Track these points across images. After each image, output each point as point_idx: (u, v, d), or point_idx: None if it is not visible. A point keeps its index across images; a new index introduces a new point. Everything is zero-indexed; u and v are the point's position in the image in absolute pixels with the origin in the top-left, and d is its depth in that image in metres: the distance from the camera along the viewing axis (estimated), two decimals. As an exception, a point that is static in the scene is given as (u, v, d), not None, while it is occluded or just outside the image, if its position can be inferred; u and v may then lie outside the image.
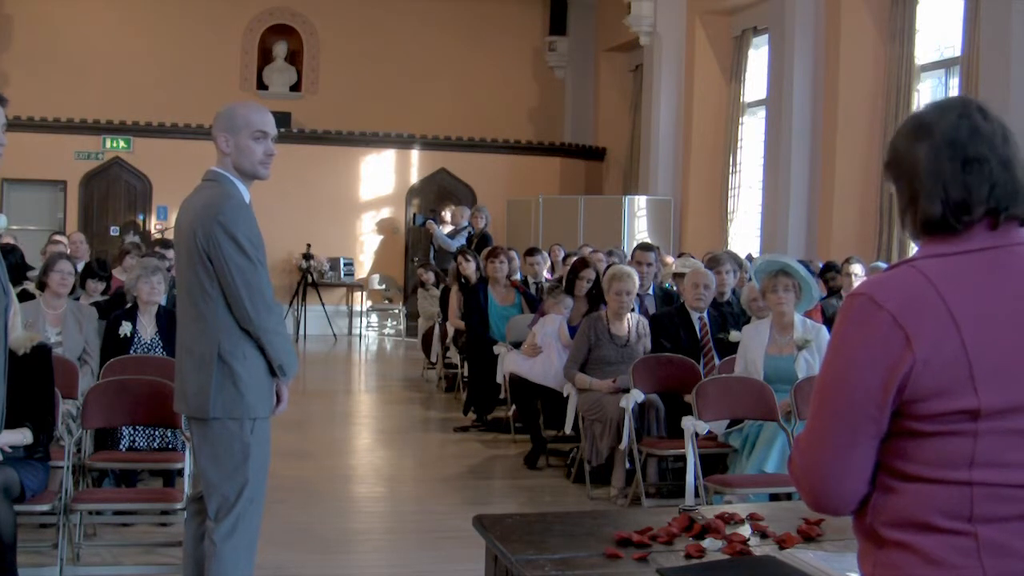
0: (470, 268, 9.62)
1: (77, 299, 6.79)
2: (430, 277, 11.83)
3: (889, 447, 1.77)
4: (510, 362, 7.56)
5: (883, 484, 1.78)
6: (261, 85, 17.14)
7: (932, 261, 1.77)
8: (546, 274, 10.44)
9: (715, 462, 5.92)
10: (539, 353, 7.25)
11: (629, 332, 6.76)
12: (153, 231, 15.20)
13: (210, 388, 3.56)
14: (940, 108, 1.83)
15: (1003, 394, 1.70)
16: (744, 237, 13.61)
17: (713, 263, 7.77)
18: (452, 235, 13.29)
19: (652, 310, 7.73)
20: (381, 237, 16.39)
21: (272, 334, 3.61)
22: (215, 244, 3.53)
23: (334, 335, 15.44)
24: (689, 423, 5.61)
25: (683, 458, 5.73)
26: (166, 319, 6.14)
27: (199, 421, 3.65)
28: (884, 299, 1.74)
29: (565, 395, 6.87)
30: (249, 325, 3.57)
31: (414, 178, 16.50)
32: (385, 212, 16.40)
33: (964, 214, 1.76)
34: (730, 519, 3.00)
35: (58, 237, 9.62)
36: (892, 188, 1.89)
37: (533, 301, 8.72)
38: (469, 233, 12.95)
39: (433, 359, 10.89)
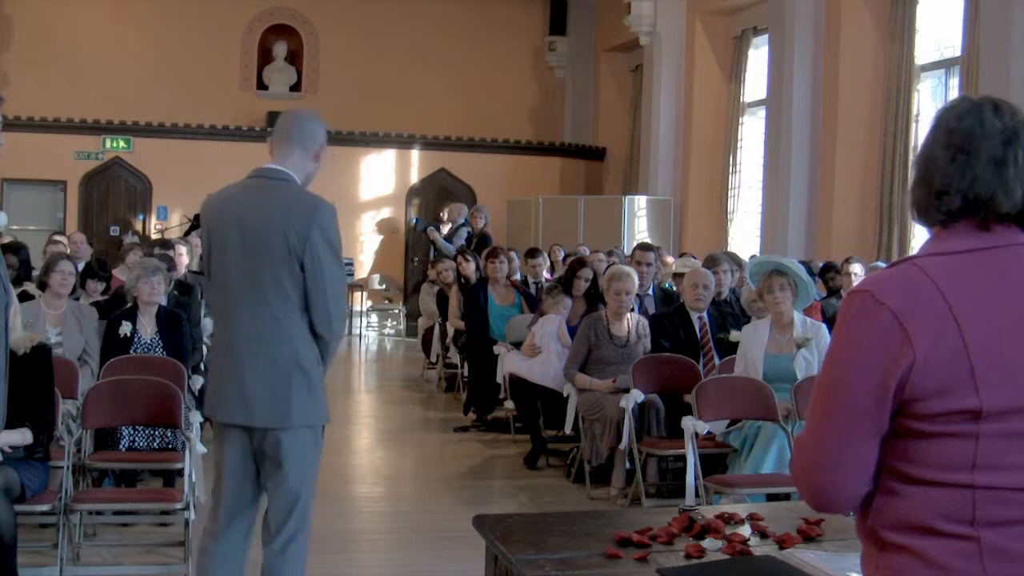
0: (470, 268, 9.62)
1: (77, 299, 6.79)
2: (449, 276, 11.21)
3: (891, 448, 1.76)
4: (510, 362, 7.56)
5: (885, 486, 1.77)
6: (261, 85, 17.14)
7: (934, 259, 1.76)
8: (546, 274, 10.43)
9: (715, 462, 5.91)
10: (538, 353, 7.24)
11: (629, 332, 6.75)
12: (153, 231, 15.20)
13: (291, 395, 3.45)
14: (959, 99, 1.83)
15: (1005, 395, 1.68)
16: (744, 237, 13.61)
17: (710, 263, 7.77)
18: (450, 236, 13.27)
19: (652, 310, 7.73)
20: (381, 237, 16.39)
21: (336, 344, 3.59)
22: (312, 247, 3.42)
23: (334, 335, 15.41)
24: (689, 423, 5.61)
25: (683, 458, 5.72)
26: (166, 319, 6.15)
27: (274, 431, 3.47)
28: (885, 296, 1.73)
29: (565, 395, 6.86)
30: (326, 331, 3.49)
31: (414, 178, 16.50)
32: (385, 212, 16.40)
33: (941, 203, 1.76)
34: (730, 519, 3.00)
35: (58, 237, 9.61)
36: None
37: (533, 301, 8.72)
38: (468, 233, 12.93)
39: (433, 359, 10.88)
